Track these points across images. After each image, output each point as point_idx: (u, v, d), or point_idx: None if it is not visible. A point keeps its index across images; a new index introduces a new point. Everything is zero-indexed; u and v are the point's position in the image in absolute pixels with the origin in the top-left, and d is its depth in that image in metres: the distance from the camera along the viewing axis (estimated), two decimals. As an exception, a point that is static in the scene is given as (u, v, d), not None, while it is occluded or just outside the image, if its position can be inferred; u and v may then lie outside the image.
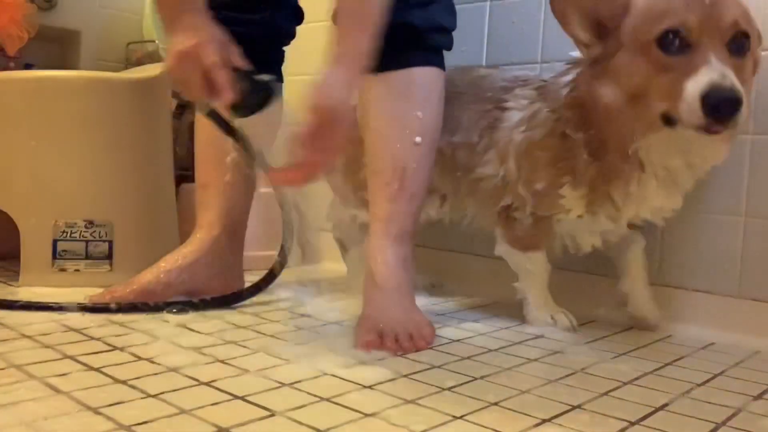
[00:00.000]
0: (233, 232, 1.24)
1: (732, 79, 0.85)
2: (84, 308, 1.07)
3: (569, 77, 1.06)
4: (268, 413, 0.70)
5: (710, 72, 0.86)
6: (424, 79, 1.10)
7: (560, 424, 0.71)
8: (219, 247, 1.21)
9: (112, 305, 1.08)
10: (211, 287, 1.18)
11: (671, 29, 0.89)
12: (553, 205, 1.08)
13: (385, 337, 0.95)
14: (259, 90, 0.95)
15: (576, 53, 1.04)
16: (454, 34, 1.16)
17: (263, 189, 1.70)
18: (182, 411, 0.69)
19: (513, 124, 1.11)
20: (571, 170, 1.04)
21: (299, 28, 1.28)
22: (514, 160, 1.10)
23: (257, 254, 1.53)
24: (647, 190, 1.01)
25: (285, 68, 1.30)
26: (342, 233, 1.36)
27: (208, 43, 0.92)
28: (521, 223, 1.12)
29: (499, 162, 1.12)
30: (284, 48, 1.29)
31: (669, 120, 0.91)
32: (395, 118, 1.09)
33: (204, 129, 1.24)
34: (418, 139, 1.08)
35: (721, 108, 0.84)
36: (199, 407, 0.70)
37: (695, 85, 0.86)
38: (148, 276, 1.15)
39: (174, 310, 1.09)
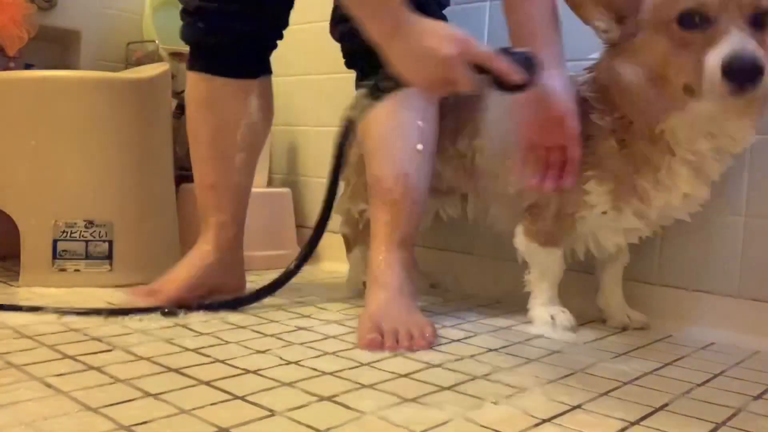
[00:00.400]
0: (241, 232, 1.26)
1: (753, 46, 0.85)
2: (60, 311, 1.05)
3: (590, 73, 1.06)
4: (268, 413, 0.70)
5: (731, 42, 0.85)
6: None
7: (560, 424, 0.71)
8: (234, 247, 1.23)
9: (102, 311, 1.06)
10: (226, 286, 1.20)
11: (691, 9, 0.89)
12: (578, 202, 1.07)
13: (386, 336, 0.96)
14: (528, 64, 0.93)
15: (594, 54, 1.05)
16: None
17: (261, 189, 1.70)
18: (182, 411, 0.69)
19: None
20: (597, 164, 1.04)
21: (289, 30, 1.26)
22: None
23: (257, 254, 1.53)
24: (677, 177, 1.01)
25: (277, 69, 1.29)
26: (349, 229, 1.36)
27: (468, 36, 0.90)
28: (544, 219, 1.11)
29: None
30: (277, 41, 1.27)
31: (691, 90, 0.91)
32: (397, 127, 1.11)
33: (204, 128, 1.21)
34: (419, 146, 1.10)
35: (742, 74, 0.84)
36: (199, 407, 0.70)
37: (716, 56, 0.86)
38: (184, 273, 1.16)
39: (165, 311, 1.07)
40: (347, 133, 1.04)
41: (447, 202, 1.33)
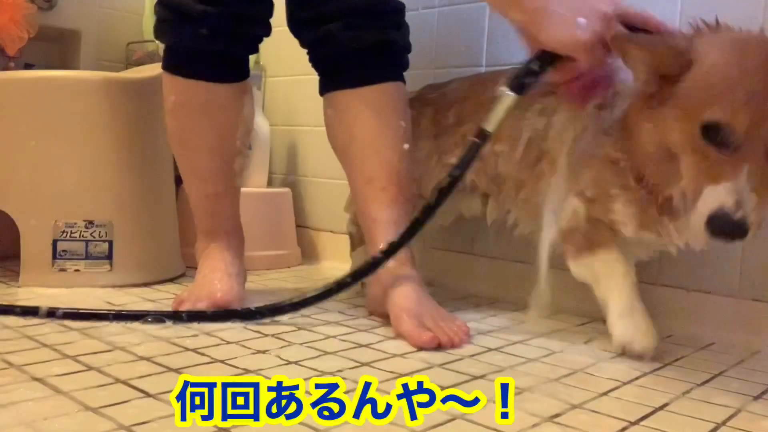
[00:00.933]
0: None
1: (746, 207, 0.82)
2: (52, 314, 1.02)
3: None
4: (268, 413, 0.70)
5: (728, 194, 0.83)
6: (400, 92, 1.16)
7: (560, 424, 0.71)
8: (242, 252, 1.24)
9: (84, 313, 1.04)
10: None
11: (718, 124, 0.84)
12: (604, 213, 1.04)
13: (436, 332, 0.98)
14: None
15: None
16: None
17: (261, 189, 1.70)
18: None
19: (560, 130, 1.09)
20: (622, 185, 1.01)
21: (282, 31, 1.25)
22: (566, 168, 1.07)
23: (257, 254, 1.53)
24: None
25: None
26: (355, 228, 1.36)
27: (609, 14, 0.91)
28: (578, 229, 1.06)
29: (550, 172, 1.10)
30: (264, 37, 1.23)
31: (684, 200, 0.91)
32: (384, 127, 1.12)
33: (206, 137, 1.16)
34: (406, 145, 1.12)
35: (723, 235, 0.83)
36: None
37: (707, 204, 0.84)
38: (235, 284, 1.16)
39: (150, 320, 1.03)
40: (478, 149, 0.97)
41: (469, 201, 1.31)
